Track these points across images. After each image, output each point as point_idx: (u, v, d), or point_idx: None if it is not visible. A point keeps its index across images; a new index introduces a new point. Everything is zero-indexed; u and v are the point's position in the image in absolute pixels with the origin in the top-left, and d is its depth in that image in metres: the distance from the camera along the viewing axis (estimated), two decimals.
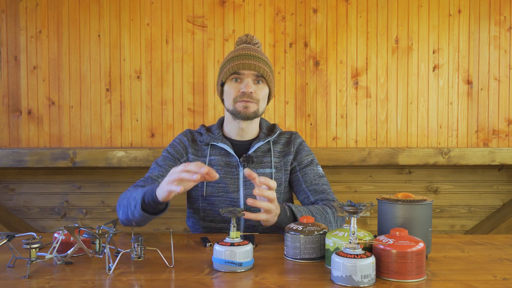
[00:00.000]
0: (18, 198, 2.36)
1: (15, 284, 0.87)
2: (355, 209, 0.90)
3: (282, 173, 1.45)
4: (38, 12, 2.33)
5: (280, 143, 1.50)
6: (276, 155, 1.46)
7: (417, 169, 2.40)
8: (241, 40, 1.51)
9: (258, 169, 1.42)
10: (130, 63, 2.35)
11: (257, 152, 1.45)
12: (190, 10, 2.36)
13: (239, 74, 1.39)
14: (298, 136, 1.53)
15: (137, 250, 1.00)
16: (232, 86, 1.41)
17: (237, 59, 1.40)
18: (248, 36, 1.51)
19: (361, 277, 0.84)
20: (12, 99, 2.35)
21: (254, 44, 1.50)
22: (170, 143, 1.50)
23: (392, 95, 2.40)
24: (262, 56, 1.43)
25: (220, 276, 0.92)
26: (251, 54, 1.41)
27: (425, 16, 2.39)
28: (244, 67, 1.38)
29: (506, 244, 1.19)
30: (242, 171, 1.41)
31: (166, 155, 1.46)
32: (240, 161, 1.42)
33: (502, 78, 2.41)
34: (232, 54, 1.44)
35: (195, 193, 1.45)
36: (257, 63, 1.39)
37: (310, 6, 2.38)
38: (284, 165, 1.46)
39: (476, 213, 2.43)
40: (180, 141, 1.49)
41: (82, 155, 2.12)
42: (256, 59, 1.40)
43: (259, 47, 1.50)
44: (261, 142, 1.45)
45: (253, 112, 1.40)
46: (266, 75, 1.40)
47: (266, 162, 1.44)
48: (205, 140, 1.45)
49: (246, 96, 1.38)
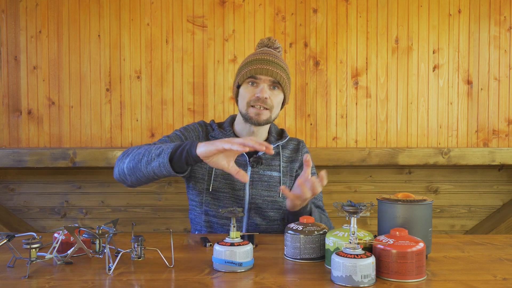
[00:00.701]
0: (18, 198, 2.36)
1: (15, 284, 0.87)
2: (355, 209, 0.90)
3: (287, 178, 1.47)
4: (38, 12, 2.33)
5: (289, 148, 1.51)
6: (284, 160, 1.48)
7: (417, 169, 2.40)
8: (263, 43, 1.51)
9: (266, 171, 1.43)
10: (130, 63, 2.35)
11: (266, 155, 1.45)
12: (190, 10, 2.36)
13: (256, 78, 1.39)
14: (305, 146, 1.57)
15: (137, 250, 1.00)
16: (247, 89, 1.41)
17: (255, 63, 1.40)
18: (270, 40, 1.50)
19: (361, 277, 0.84)
20: (12, 99, 2.35)
21: (275, 48, 1.50)
22: (184, 127, 1.48)
23: (392, 95, 2.40)
24: (280, 62, 1.43)
25: (220, 276, 0.92)
26: (270, 59, 1.41)
27: (425, 16, 2.39)
28: (261, 72, 1.38)
29: (506, 244, 1.19)
30: (250, 171, 1.42)
31: (179, 134, 1.44)
32: (249, 161, 1.42)
33: (502, 78, 2.41)
34: (251, 58, 1.44)
35: (201, 186, 1.43)
36: (275, 69, 1.39)
37: (310, 6, 2.38)
38: (290, 171, 1.48)
39: (476, 213, 2.43)
40: (195, 128, 1.48)
41: (82, 155, 2.12)
42: (274, 65, 1.40)
43: (279, 52, 1.51)
44: (272, 145, 1.45)
45: (265, 120, 1.40)
46: (283, 82, 1.40)
47: (275, 165, 1.46)
48: (216, 135, 1.45)
49: (260, 101, 1.38)
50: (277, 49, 1.50)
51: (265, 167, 1.44)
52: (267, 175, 1.43)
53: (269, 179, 1.44)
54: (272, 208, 1.42)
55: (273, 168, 1.45)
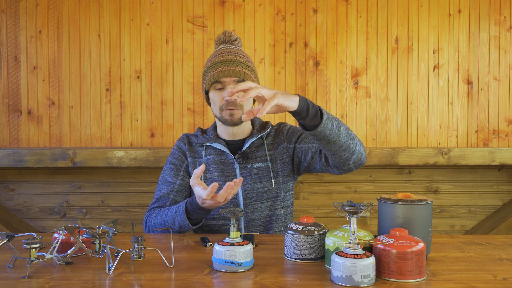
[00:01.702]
0: (18, 198, 2.36)
1: (15, 284, 0.87)
2: (355, 209, 0.90)
3: (277, 164, 1.47)
4: (38, 12, 2.33)
5: (271, 135, 1.52)
6: (270, 148, 1.48)
7: (417, 169, 2.40)
8: (220, 39, 1.51)
9: (254, 164, 1.44)
10: (130, 63, 2.35)
11: (251, 148, 1.47)
12: (190, 10, 2.36)
13: (221, 81, 1.41)
14: (285, 124, 1.55)
15: (137, 250, 1.00)
16: (216, 94, 1.43)
17: (217, 67, 1.41)
18: (226, 34, 1.50)
19: (361, 277, 0.84)
20: (12, 99, 2.35)
21: (233, 41, 1.49)
22: (171, 152, 1.54)
23: (392, 95, 2.40)
24: (241, 58, 1.43)
25: (220, 276, 0.92)
26: (230, 59, 1.41)
27: (425, 16, 2.39)
28: (224, 74, 1.39)
29: (506, 244, 1.19)
30: (238, 168, 1.44)
31: (170, 166, 1.50)
32: (235, 158, 1.44)
33: (502, 78, 2.41)
34: (212, 61, 1.44)
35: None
36: (236, 68, 1.40)
37: (310, 6, 2.38)
38: (279, 155, 1.47)
39: (476, 213, 2.43)
40: (178, 147, 1.53)
41: (82, 155, 2.12)
42: (235, 63, 1.41)
43: (238, 43, 1.50)
44: (254, 138, 1.47)
45: (239, 118, 1.42)
46: (247, 78, 1.41)
47: (261, 156, 1.46)
48: (199, 141, 1.49)
49: (231, 104, 1.40)
50: (235, 41, 1.50)
51: (252, 160, 1.45)
52: (255, 167, 1.44)
53: (259, 170, 1.44)
54: (268, 198, 1.43)
55: (260, 159, 1.46)
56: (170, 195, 1.44)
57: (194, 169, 1.45)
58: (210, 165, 1.45)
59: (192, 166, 1.48)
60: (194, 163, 1.48)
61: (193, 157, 1.49)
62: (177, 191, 1.45)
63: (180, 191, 1.45)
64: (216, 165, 1.45)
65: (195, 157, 1.49)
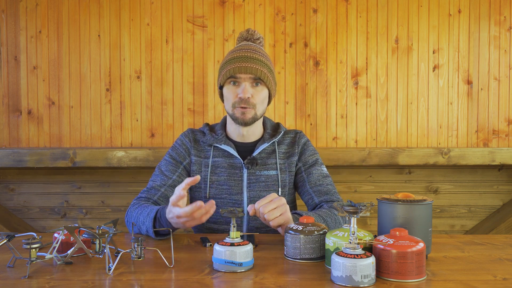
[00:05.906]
0: (18, 198, 2.36)
1: (15, 284, 0.87)
2: (355, 209, 0.90)
3: (286, 174, 1.44)
4: (38, 12, 2.33)
5: (285, 143, 1.47)
6: (281, 157, 1.45)
7: (417, 169, 2.40)
8: (242, 36, 1.47)
9: (263, 171, 1.41)
10: (130, 63, 2.35)
11: (261, 154, 1.43)
12: (190, 10, 2.36)
13: (236, 78, 1.36)
14: (303, 136, 1.51)
15: (137, 250, 1.00)
16: (230, 89, 1.39)
17: (234, 62, 1.36)
18: (249, 32, 1.46)
19: (361, 277, 0.84)
20: (12, 99, 2.35)
21: (255, 40, 1.46)
22: (173, 145, 1.49)
23: (392, 95, 2.40)
24: (260, 56, 1.38)
25: (220, 276, 0.92)
26: (249, 55, 1.36)
27: (425, 16, 2.39)
28: (241, 70, 1.34)
29: (506, 244, 1.19)
30: (246, 173, 1.40)
31: (169, 160, 1.45)
32: (244, 163, 1.40)
33: (502, 78, 2.41)
34: (230, 56, 1.40)
35: (198, 194, 1.44)
36: (254, 65, 1.35)
37: (310, 6, 2.38)
38: (289, 167, 1.45)
39: (476, 213, 2.43)
40: (182, 142, 1.47)
41: (82, 155, 2.12)
42: (254, 61, 1.36)
43: (260, 43, 1.47)
44: (266, 144, 1.42)
45: (251, 118, 1.37)
46: (264, 77, 1.36)
47: (271, 164, 1.43)
48: (208, 141, 1.44)
49: (244, 102, 1.35)
50: (257, 41, 1.46)
51: (261, 167, 1.41)
52: (264, 175, 1.41)
53: (267, 178, 1.41)
54: None
55: (269, 166, 1.42)
56: (161, 188, 1.39)
57: (198, 168, 1.42)
58: (218, 168, 1.41)
59: (196, 165, 1.43)
60: (199, 163, 1.43)
61: (198, 156, 1.44)
62: (170, 186, 1.40)
63: (173, 186, 1.39)
64: (223, 168, 1.41)
65: (200, 156, 1.44)
